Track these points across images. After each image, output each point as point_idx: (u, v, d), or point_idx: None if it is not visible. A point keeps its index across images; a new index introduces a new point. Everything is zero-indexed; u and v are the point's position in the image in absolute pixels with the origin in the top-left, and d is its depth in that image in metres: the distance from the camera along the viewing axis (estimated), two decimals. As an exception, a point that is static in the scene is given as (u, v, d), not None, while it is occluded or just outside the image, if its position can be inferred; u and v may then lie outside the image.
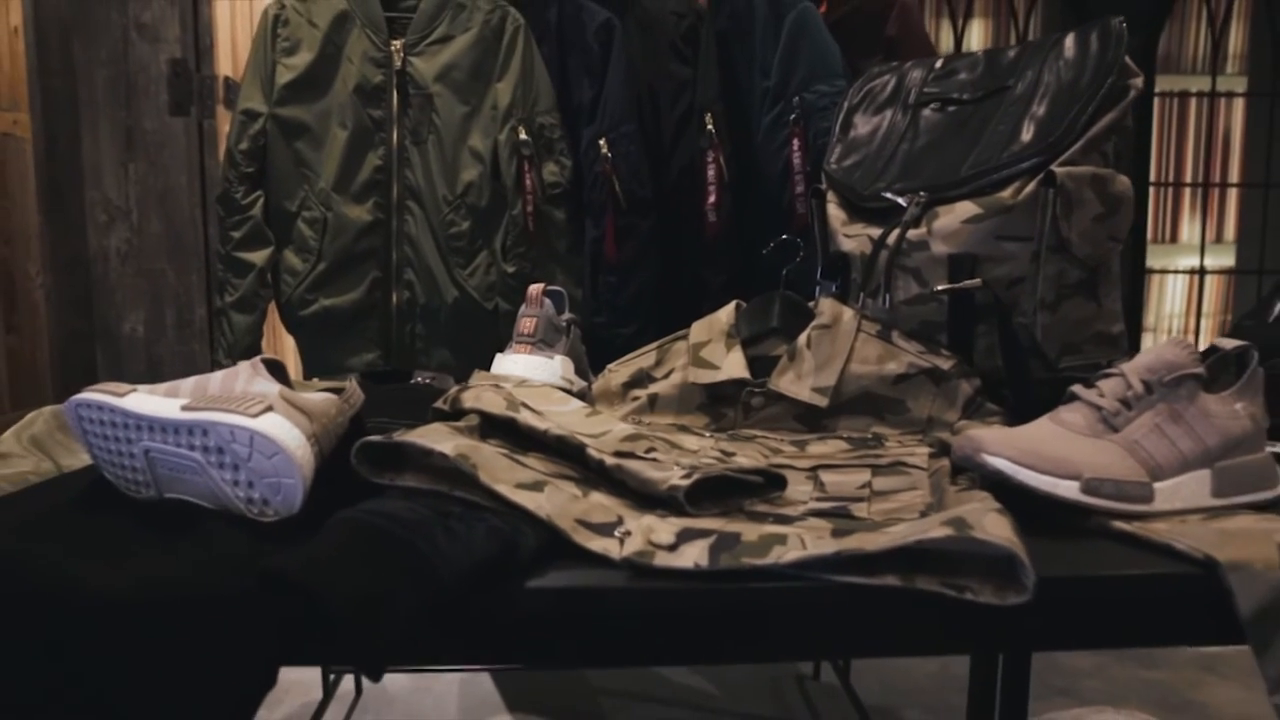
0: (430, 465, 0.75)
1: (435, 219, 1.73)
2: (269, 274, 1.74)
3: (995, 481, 0.76)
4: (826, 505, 0.78)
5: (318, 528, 0.66)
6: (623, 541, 0.69)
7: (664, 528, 0.70)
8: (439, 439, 0.75)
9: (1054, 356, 1.04)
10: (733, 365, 1.06)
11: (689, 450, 0.90)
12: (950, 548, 0.64)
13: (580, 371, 1.16)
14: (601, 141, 1.71)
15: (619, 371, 1.13)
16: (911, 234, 1.06)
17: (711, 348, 1.09)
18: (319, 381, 1.25)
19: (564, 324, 1.15)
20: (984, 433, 0.79)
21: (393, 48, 1.70)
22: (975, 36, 3.41)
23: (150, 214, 2.51)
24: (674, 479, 0.74)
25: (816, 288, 1.17)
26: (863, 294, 1.11)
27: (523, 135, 1.70)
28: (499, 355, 1.13)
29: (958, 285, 1.03)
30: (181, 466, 0.74)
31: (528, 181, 1.70)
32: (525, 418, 0.84)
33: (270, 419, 0.72)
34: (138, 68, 2.47)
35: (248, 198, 1.72)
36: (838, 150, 1.23)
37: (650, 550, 0.67)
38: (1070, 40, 1.08)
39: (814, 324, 1.06)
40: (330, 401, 0.80)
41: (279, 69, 1.70)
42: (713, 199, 1.73)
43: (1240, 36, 3.54)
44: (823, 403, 1.02)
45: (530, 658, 0.69)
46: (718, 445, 0.95)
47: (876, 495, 0.81)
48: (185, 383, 0.80)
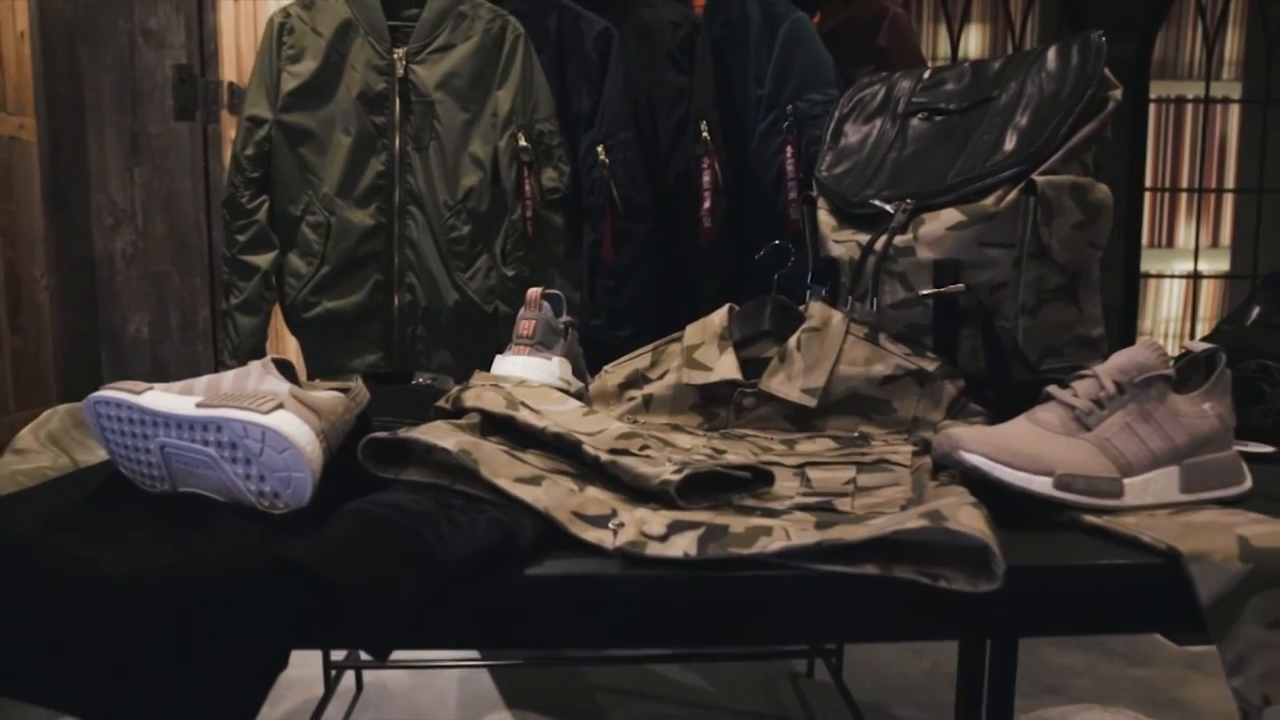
0: (433, 460, 0.78)
1: (436, 223, 1.75)
2: (273, 277, 1.77)
3: (973, 478, 0.78)
4: (812, 500, 0.80)
5: (326, 519, 0.68)
6: (616, 533, 0.71)
7: (656, 520, 0.72)
8: (441, 435, 0.77)
9: (1035, 359, 1.06)
10: (725, 367, 1.09)
11: (682, 448, 0.93)
12: (926, 538, 0.67)
13: (578, 372, 1.17)
14: (599, 148, 1.74)
15: (615, 372, 1.15)
16: (898, 240, 1.09)
17: (705, 350, 1.11)
18: (321, 382, 1.27)
19: (562, 326, 1.17)
20: (962, 431, 0.81)
21: (395, 56, 1.73)
22: (972, 42, 3.42)
23: (155, 217, 2.53)
24: (666, 474, 0.77)
25: (807, 292, 1.19)
26: (851, 298, 1.14)
27: (522, 142, 1.72)
28: (499, 356, 1.14)
29: (942, 290, 1.05)
30: (196, 461, 0.77)
31: (527, 187, 1.72)
32: (524, 416, 0.86)
33: (281, 416, 0.75)
34: (143, 73, 2.49)
35: (253, 202, 1.74)
36: (828, 158, 1.26)
37: (642, 541, 0.70)
38: (1052, 53, 1.11)
39: (804, 327, 1.09)
40: (338, 400, 0.83)
41: (284, 76, 1.73)
42: (708, 205, 1.74)
43: (1235, 42, 3.56)
44: (812, 403, 1.05)
45: (528, 640, 0.71)
46: (710, 444, 0.97)
47: (860, 490, 0.83)
48: (199, 381, 0.83)
